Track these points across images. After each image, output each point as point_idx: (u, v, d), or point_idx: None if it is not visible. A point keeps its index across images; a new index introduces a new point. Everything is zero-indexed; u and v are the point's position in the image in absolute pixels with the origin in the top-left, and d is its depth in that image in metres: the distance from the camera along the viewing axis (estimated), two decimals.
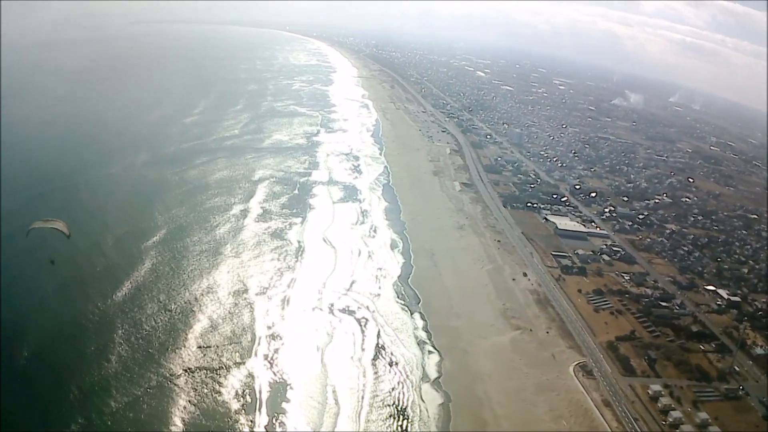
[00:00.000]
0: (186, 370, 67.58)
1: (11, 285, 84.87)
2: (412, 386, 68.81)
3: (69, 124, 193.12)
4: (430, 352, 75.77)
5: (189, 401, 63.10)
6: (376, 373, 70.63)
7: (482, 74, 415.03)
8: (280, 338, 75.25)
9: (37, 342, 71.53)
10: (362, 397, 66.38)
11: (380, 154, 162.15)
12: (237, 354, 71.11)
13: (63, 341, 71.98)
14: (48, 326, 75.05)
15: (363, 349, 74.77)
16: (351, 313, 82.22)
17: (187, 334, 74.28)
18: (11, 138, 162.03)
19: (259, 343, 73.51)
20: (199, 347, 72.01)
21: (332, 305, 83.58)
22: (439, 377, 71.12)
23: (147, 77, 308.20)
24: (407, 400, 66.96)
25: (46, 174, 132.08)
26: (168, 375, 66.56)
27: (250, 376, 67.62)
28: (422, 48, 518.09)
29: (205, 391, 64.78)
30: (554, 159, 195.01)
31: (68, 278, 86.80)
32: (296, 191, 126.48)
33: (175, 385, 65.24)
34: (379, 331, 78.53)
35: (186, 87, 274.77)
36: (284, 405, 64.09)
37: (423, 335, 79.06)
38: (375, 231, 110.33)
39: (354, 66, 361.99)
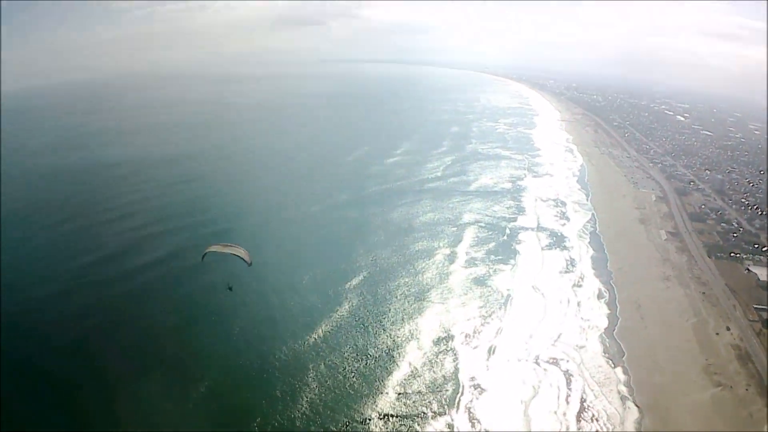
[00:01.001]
0: (381, 416, 65.98)
1: (193, 309, 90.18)
2: None
3: (264, 157, 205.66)
4: (631, 408, 70.21)
5: None
6: (579, 428, 66.50)
7: (682, 118, 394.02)
8: (483, 389, 71.65)
9: (219, 376, 72.29)
10: None
11: (587, 200, 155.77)
12: (436, 403, 68.44)
13: (247, 379, 72.41)
14: (231, 361, 75.98)
15: (568, 403, 70.23)
16: (557, 365, 77.54)
17: (385, 380, 72.53)
18: (211, 170, 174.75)
19: (461, 393, 70.45)
20: (398, 394, 70.08)
21: (538, 357, 79.22)
22: None
23: (346, 116, 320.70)
24: None
25: (239, 209, 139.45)
26: (360, 420, 65.28)
27: (449, 426, 64.86)
28: (622, 91, 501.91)
29: None
30: (755, 207, 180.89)
31: (255, 312, 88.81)
32: (504, 237, 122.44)
33: (368, 430, 64.33)
34: (583, 386, 73.54)
35: (387, 127, 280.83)
36: None
37: (625, 390, 73.52)
38: (582, 280, 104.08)
39: (556, 109, 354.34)
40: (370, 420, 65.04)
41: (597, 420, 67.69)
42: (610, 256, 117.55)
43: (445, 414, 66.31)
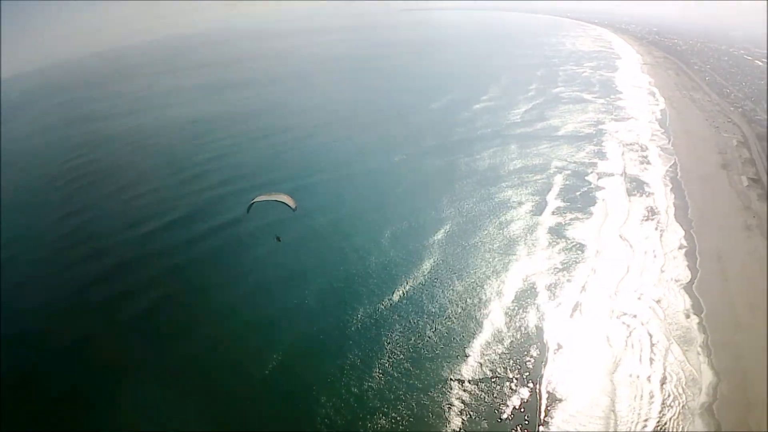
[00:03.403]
0: (458, 381, 60.35)
1: (264, 273, 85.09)
2: (688, 412, 57.09)
3: (347, 109, 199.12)
4: (707, 371, 62.54)
5: (456, 411, 56.40)
6: (651, 393, 59.45)
7: (760, 63, 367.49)
8: (567, 351, 65.39)
9: (290, 348, 66.92)
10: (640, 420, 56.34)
11: (669, 143, 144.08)
12: (517, 368, 62.42)
13: (321, 347, 66.98)
14: (304, 328, 70.85)
15: (652, 364, 63.43)
16: (640, 323, 70.55)
17: (466, 343, 66.84)
18: (292, 123, 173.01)
19: (544, 358, 64.23)
20: (479, 357, 64.39)
21: (623, 313, 72.36)
22: (712, 402, 58.24)
23: (430, 64, 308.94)
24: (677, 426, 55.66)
25: (319, 163, 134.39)
26: (436, 382, 60.34)
27: (532, 392, 58.91)
28: (701, 36, 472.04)
29: (475, 403, 57.43)
30: None
31: (333, 272, 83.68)
32: (589, 184, 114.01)
33: (442, 392, 58.82)
34: (667, 347, 66.01)
35: (475, 72, 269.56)
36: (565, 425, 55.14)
37: (702, 351, 65.63)
38: (664, 229, 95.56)
39: (638, 52, 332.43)
40: (448, 384, 60.01)
41: (677, 386, 60.47)
42: (691, 203, 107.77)
43: (527, 380, 60.65)
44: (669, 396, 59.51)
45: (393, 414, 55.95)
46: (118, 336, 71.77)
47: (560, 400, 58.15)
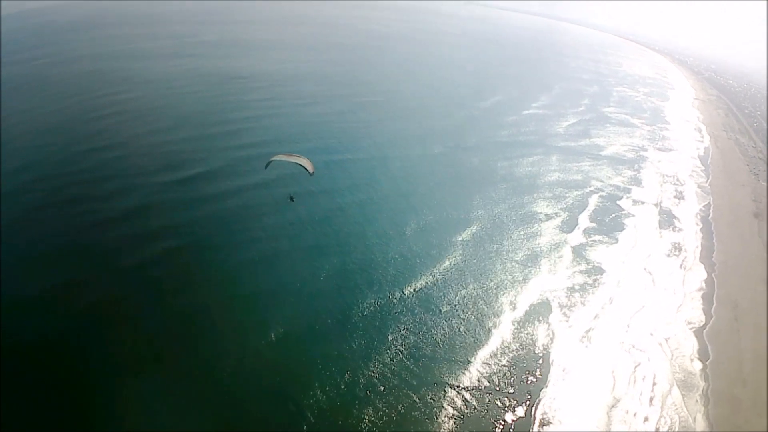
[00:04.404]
0: (454, 387, 57.91)
1: (281, 243, 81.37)
2: None
3: (393, 93, 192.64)
4: (702, 421, 59.79)
5: (445, 415, 54.15)
6: None
7: None
8: (570, 374, 62.75)
9: (291, 324, 63.69)
10: None
11: (706, 182, 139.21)
12: (518, 383, 59.99)
13: (324, 327, 64.16)
14: (311, 305, 67.73)
15: (651, 405, 60.74)
16: (647, 360, 67.73)
17: (471, 350, 64.20)
18: (339, 94, 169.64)
19: (546, 379, 61.64)
20: (481, 364, 61.94)
21: (632, 347, 69.54)
22: None
23: (486, 61, 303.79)
24: None
25: (359, 141, 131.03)
26: (431, 383, 57.90)
27: (527, 412, 56.40)
28: (757, 83, 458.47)
29: (467, 411, 55.04)
30: None
31: (351, 254, 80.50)
32: (623, 210, 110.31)
33: (436, 394, 56.52)
34: (669, 389, 63.42)
35: (528, 78, 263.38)
36: None
37: (701, 400, 62.68)
38: (686, 269, 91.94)
39: (692, 87, 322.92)
40: (443, 388, 57.58)
41: (672, 430, 58.17)
42: (718, 246, 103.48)
43: (524, 399, 58.14)
44: None
45: (380, 406, 53.85)
46: (117, 283, 67.78)
47: (553, 426, 55.66)
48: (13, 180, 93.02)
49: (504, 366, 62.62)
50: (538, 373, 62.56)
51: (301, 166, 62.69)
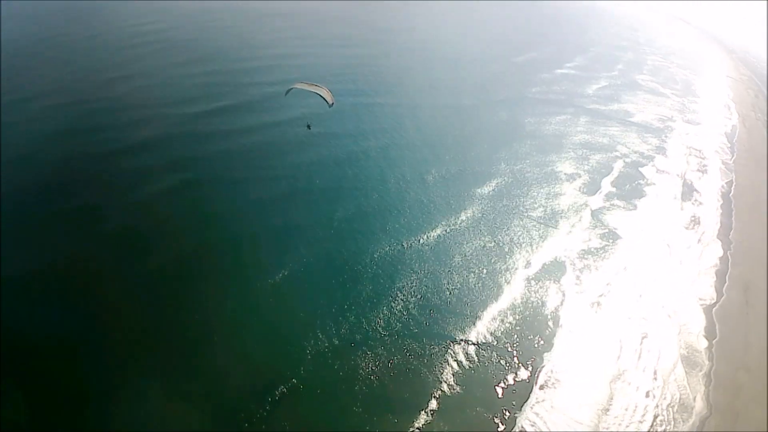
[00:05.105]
0: (458, 341, 55.47)
1: (300, 183, 78.22)
2: None
3: (430, 40, 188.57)
4: (701, 401, 56.78)
5: (446, 368, 51.76)
6: (645, 408, 54.42)
7: None
8: (577, 343, 60.03)
9: (299, 263, 61.13)
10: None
11: (731, 160, 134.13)
12: (524, 344, 57.45)
13: (332, 271, 61.09)
14: (320, 248, 64.63)
15: (655, 378, 58.31)
16: (655, 333, 64.97)
17: (480, 304, 61.59)
18: (380, 50, 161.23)
19: (551, 342, 59.03)
20: (489, 321, 59.29)
21: (642, 318, 66.60)
22: None
23: (524, 21, 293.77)
24: None
25: (392, 88, 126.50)
26: (435, 334, 55.37)
27: (530, 374, 53.94)
28: None
29: (469, 365, 52.80)
30: None
31: (368, 197, 77.33)
32: (647, 178, 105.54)
33: (439, 346, 54.17)
34: (676, 362, 61.13)
35: (565, 39, 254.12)
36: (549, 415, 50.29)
37: (702, 381, 59.77)
38: (703, 243, 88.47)
39: (725, 64, 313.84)
40: (447, 341, 55.30)
41: (670, 409, 55.14)
42: (736, 225, 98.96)
43: (529, 360, 55.74)
44: (658, 417, 54.12)
45: (381, 352, 51.90)
46: (127, 213, 65.16)
47: (554, 391, 53.26)
48: (36, 104, 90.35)
49: (511, 324, 60.13)
50: (545, 335, 60.02)
51: (321, 96, 59.28)
